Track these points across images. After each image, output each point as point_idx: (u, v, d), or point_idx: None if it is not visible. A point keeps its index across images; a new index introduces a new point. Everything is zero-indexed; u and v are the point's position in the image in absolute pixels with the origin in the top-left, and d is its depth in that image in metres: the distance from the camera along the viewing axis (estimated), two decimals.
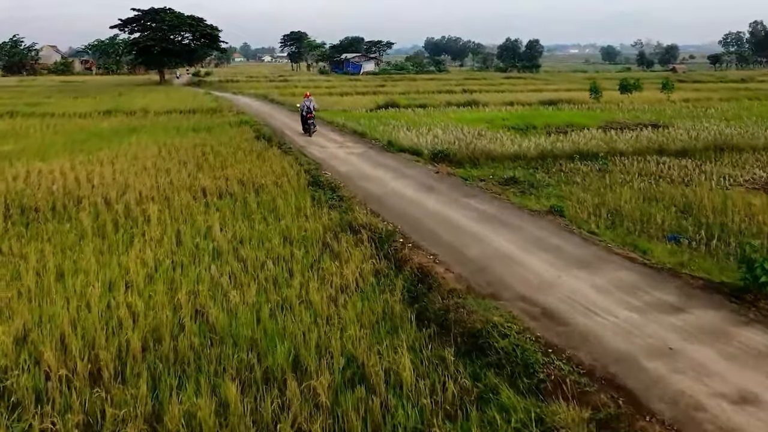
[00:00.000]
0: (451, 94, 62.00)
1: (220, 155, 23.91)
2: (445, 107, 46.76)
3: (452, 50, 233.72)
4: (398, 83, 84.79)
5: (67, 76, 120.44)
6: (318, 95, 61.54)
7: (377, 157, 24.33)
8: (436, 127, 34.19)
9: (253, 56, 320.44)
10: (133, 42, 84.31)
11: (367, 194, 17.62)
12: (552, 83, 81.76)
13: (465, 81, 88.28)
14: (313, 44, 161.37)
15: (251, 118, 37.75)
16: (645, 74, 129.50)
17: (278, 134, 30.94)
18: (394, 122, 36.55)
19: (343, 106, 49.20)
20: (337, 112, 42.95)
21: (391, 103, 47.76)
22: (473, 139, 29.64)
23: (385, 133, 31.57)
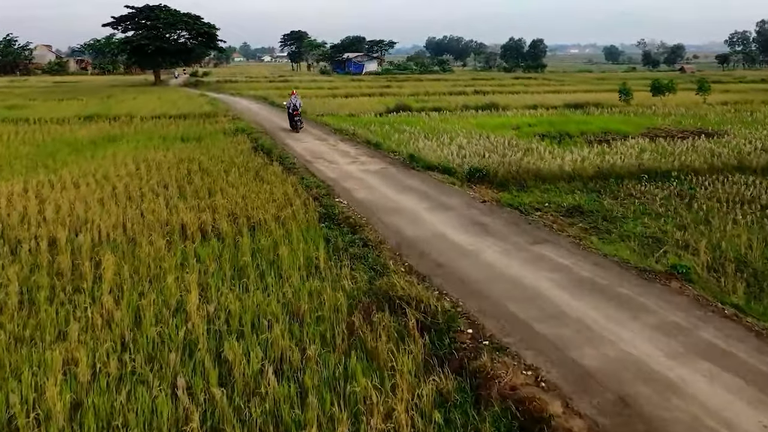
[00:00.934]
0: (464, 96, 57.61)
1: (209, 174, 19.48)
2: (461, 111, 42.37)
3: (454, 50, 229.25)
4: (404, 84, 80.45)
5: (61, 77, 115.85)
6: (321, 97, 57.36)
7: (400, 176, 19.86)
8: (459, 135, 29.94)
9: (252, 56, 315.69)
10: (126, 41, 79.68)
11: (400, 237, 13.18)
12: (566, 84, 77.33)
13: (474, 81, 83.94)
14: (314, 44, 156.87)
15: (248, 125, 33.33)
16: (652, 74, 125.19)
17: (279, 145, 26.55)
18: (409, 129, 32.23)
19: (350, 109, 44.80)
20: (344, 118, 38.54)
21: (403, 107, 43.36)
22: (506, 150, 25.38)
23: (402, 142, 27.27)
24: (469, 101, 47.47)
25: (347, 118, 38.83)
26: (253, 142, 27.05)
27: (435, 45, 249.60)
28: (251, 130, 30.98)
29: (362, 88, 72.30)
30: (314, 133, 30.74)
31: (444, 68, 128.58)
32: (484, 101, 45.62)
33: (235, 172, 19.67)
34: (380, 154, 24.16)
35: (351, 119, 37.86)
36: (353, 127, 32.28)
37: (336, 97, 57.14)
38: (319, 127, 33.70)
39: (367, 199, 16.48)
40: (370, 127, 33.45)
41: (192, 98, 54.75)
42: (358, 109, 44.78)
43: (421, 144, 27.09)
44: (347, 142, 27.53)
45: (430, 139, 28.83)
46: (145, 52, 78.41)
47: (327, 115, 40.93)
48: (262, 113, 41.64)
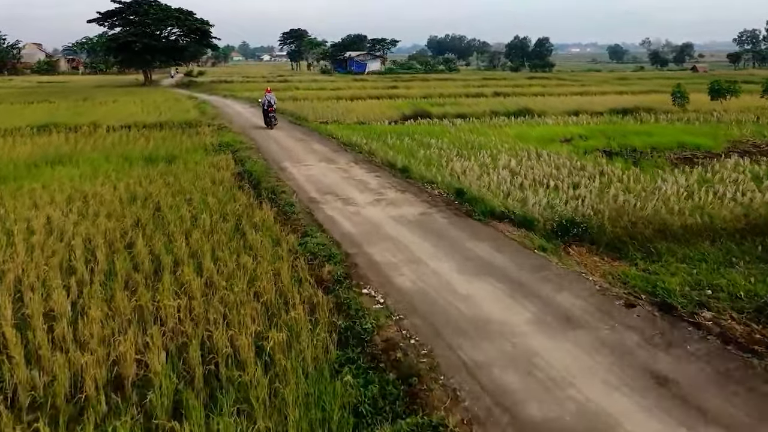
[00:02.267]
0: (484, 98, 50.84)
1: (164, 229, 12.64)
2: (491, 118, 35.60)
3: (457, 49, 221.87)
4: (410, 84, 73.65)
5: (50, 76, 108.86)
6: (324, 100, 50.55)
7: (455, 232, 12.81)
8: (502, 152, 23.31)
9: (252, 55, 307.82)
10: (111, 38, 72.57)
11: (514, 415, 6.35)
12: (587, 84, 70.37)
13: (486, 82, 77.12)
14: (314, 42, 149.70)
15: (236, 137, 26.47)
16: (663, 74, 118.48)
17: (273, 168, 19.77)
18: (435, 143, 25.62)
19: (358, 115, 38.05)
20: (353, 127, 31.77)
21: (421, 112, 36.58)
22: (576, 177, 18.81)
23: (432, 162, 20.75)
24: (495, 105, 40.71)
25: (357, 127, 32.10)
26: (239, 165, 20.24)
27: (437, 44, 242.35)
28: (239, 146, 24.20)
29: (367, 89, 65.51)
30: (319, 151, 23.90)
31: (450, 67, 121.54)
32: (515, 106, 38.82)
33: (205, 222, 12.87)
34: (412, 186, 17.27)
35: (361, 129, 31.13)
36: (366, 141, 25.56)
37: (340, 100, 50.35)
38: (325, 141, 26.87)
39: (419, 294, 9.46)
40: (386, 139, 26.75)
41: (179, 101, 47.90)
42: (367, 114, 38.05)
43: (459, 166, 20.41)
44: (363, 165, 20.65)
45: (467, 158, 22.19)
46: (132, 49, 71.44)
47: (332, 122, 34.17)
48: (255, 119, 34.79)
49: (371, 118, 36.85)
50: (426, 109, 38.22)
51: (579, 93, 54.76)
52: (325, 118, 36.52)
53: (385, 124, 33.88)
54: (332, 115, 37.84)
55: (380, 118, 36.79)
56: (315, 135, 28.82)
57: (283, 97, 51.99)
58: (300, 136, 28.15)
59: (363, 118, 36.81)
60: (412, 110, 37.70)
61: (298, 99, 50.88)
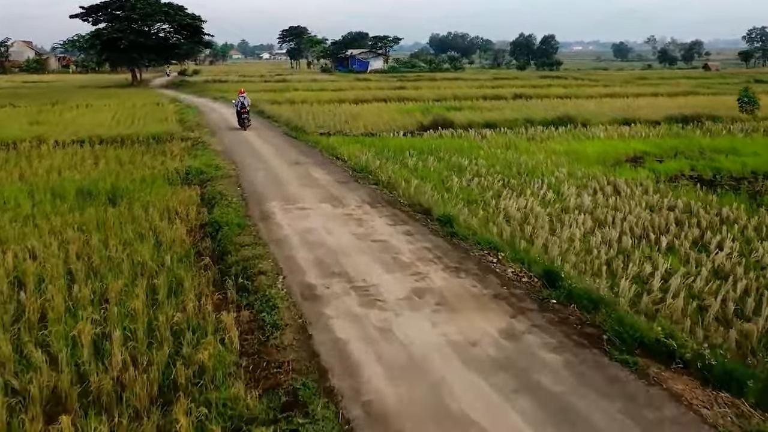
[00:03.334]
0: (504, 101, 44.63)
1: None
2: (524, 128, 29.33)
3: (459, 47, 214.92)
4: (418, 84, 67.37)
5: (39, 75, 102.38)
6: (324, 103, 44.19)
7: (597, 410, 6.33)
8: (563, 182, 17.22)
9: (251, 53, 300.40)
10: (95, 34, 66.03)
11: None
12: (610, 85, 63.98)
13: (500, 82, 70.78)
14: (314, 40, 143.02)
15: (212, 161, 20.00)
16: (674, 72, 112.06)
17: (254, 216, 13.50)
18: (469, 165, 19.81)
19: (366, 123, 31.83)
20: (361, 140, 25.56)
21: (441, 121, 30.27)
22: (693, 228, 12.80)
23: (475, 200, 14.95)
24: (523, 111, 34.47)
25: (365, 140, 25.89)
26: (205, 207, 14.05)
27: (439, 42, 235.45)
28: (213, 173, 17.94)
29: (372, 89, 59.21)
30: (320, 182, 17.51)
31: (455, 66, 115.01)
32: (553, 112, 32.54)
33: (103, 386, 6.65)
34: (465, 256, 10.89)
35: (372, 143, 24.95)
36: (381, 163, 19.34)
37: (343, 103, 44.08)
38: (327, 163, 20.58)
39: None
40: (405, 159, 20.60)
41: (160, 106, 41.59)
42: (376, 122, 31.85)
43: (513, 206, 14.43)
44: (383, 209, 14.26)
45: (518, 191, 16.10)
46: (118, 47, 64.99)
47: (335, 133, 27.92)
48: (245, 133, 28.60)
49: (381, 127, 30.60)
50: (445, 116, 31.88)
51: (608, 95, 48.46)
52: (326, 127, 30.31)
53: (399, 136, 27.63)
54: (335, 124, 31.62)
55: (392, 127, 30.54)
56: (315, 154, 22.60)
57: (279, 100, 45.83)
58: (295, 157, 21.88)
59: (372, 127, 30.56)
60: (429, 118, 31.38)
61: (295, 102, 44.58)
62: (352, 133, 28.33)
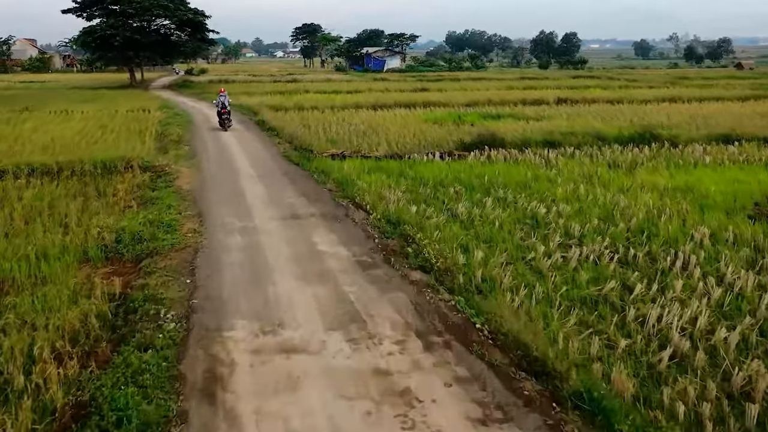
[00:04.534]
0: (545, 106, 37.75)
1: None
2: (595, 147, 22.35)
3: (476, 45, 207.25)
4: (441, 85, 60.43)
5: (41, 75, 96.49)
6: (338, 109, 37.40)
7: None
8: (724, 258, 10.21)
9: (265, 52, 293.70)
10: (87, 31, 59.55)
11: None
12: (656, 86, 56.75)
13: (529, 82, 63.77)
14: (328, 38, 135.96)
15: (167, 213, 13.26)
16: (716, 71, 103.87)
17: (195, 381, 6.77)
18: (554, 218, 12.86)
19: (389, 136, 25.35)
20: (386, 168, 18.90)
21: (488, 138, 23.25)
22: None
23: (601, 315, 7.73)
24: (580, 121, 27.56)
25: (392, 167, 19.20)
26: (114, 329, 7.38)
27: (455, 40, 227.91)
28: (158, 242, 11.22)
29: (392, 91, 52.39)
30: (330, 264, 10.54)
31: (477, 65, 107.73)
32: (621, 123, 25.54)
33: None
34: None
35: (400, 171, 18.30)
36: (421, 216, 12.58)
37: (360, 110, 37.42)
38: (343, 216, 13.73)
39: None
40: (451, 203, 13.86)
41: (147, 113, 34.95)
42: (401, 136, 25.29)
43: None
44: (444, 355, 7.19)
45: (664, 289, 9.29)
46: (112, 45, 58.51)
47: (351, 155, 21.22)
48: (234, 149, 21.98)
49: (409, 143, 23.88)
50: (491, 130, 24.92)
51: (668, 99, 41.39)
52: (339, 143, 23.73)
53: (434, 159, 20.82)
54: (350, 138, 24.98)
55: (423, 143, 23.80)
56: (323, 195, 15.83)
57: (286, 105, 39.17)
58: (294, 201, 15.10)
59: (397, 143, 23.84)
60: (468, 131, 24.55)
61: (304, 108, 37.93)
62: (373, 155, 21.58)
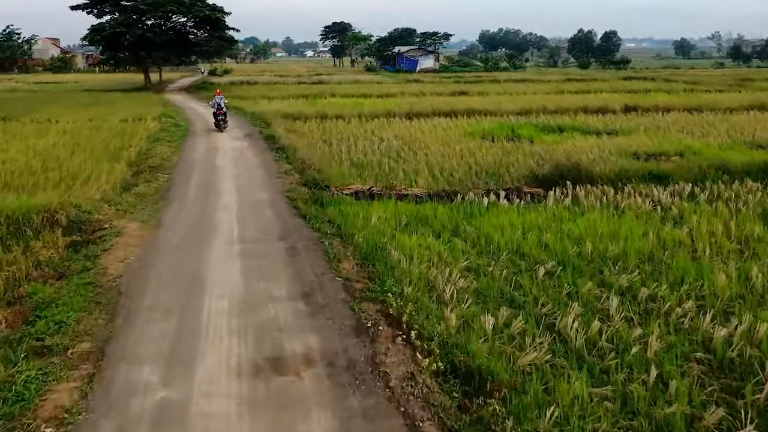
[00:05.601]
0: (612, 115, 31.35)
1: None
2: (727, 187, 15.93)
3: (511, 44, 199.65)
4: (481, 88, 53.94)
5: (62, 75, 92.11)
6: (367, 119, 31.50)
7: None
8: None
9: (295, 51, 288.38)
10: (94, 29, 54.27)
11: None
12: (727, 90, 49.59)
13: (577, 85, 57.03)
14: (358, 37, 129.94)
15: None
16: (764, 72, 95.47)
17: None
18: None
19: (430, 161, 19.82)
20: (434, 221, 12.66)
21: (567, 170, 16.73)
22: None
23: None
24: (714, 152, 21.07)
25: (441, 217, 13.12)
26: None
27: (489, 39, 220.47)
28: None
29: (427, 95, 46.34)
30: None
31: (515, 64, 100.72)
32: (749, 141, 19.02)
33: None
34: None
35: (454, 225, 12.28)
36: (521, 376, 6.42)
37: (393, 119, 31.55)
38: (386, 402, 7.36)
39: None
40: (559, 319, 7.65)
41: (142, 122, 29.24)
42: (446, 159, 19.91)
43: None
44: None
45: None
46: (122, 43, 53.21)
47: (381, 193, 15.33)
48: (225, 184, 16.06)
49: (459, 173, 18.00)
50: (569, 154, 18.59)
51: (756, 106, 34.54)
52: (366, 170, 18.12)
53: (500, 202, 14.64)
54: (380, 162, 19.31)
55: (476, 172, 17.98)
56: (333, 302, 9.32)
57: (306, 113, 33.23)
58: (278, 338, 8.36)
59: (444, 173, 18.09)
60: (555, 167, 18.12)
61: (327, 117, 32.09)
62: (411, 192, 15.56)
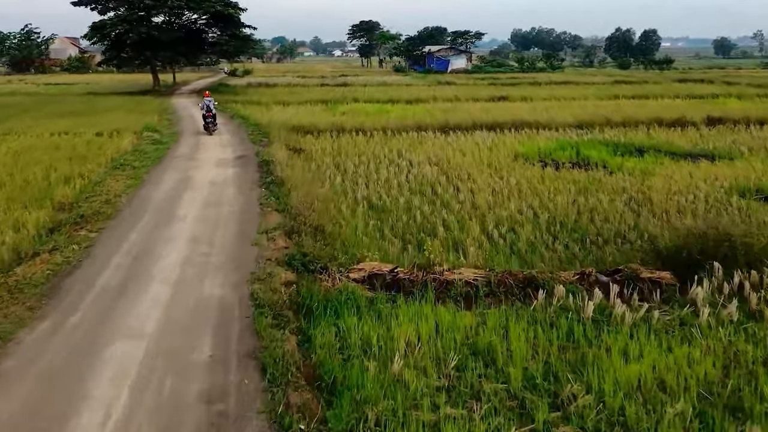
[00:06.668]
0: (692, 132, 25.10)
1: None
2: None
3: (544, 43, 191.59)
4: (521, 91, 47.59)
5: (78, 75, 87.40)
6: (393, 132, 25.30)
7: None
8: None
9: (323, 50, 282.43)
10: (95, 26, 48.75)
11: None
12: None
13: (628, 88, 50.25)
14: (386, 36, 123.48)
15: None
16: None
17: None
18: None
19: (479, 203, 14.39)
20: (541, 415, 6.31)
21: (720, 245, 10.51)
22: None
23: None
24: None
25: (515, 348, 6.81)
26: None
27: (521, 38, 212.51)
28: None
29: (462, 101, 40.26)
30: None
31: (553, 65, 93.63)
32: None
33: None
34: None
35: (589, 397, 5.86)
36: None
37: (425, 134, 25.69)
38: None
39: None
40: None
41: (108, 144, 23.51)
42: (500, 200, 14.23)
43: None
44: None
45: None
46: (125, 42, 47.72)
47: (409, 280, 9.22)
48: (165, 273, 10.11)
49: (525, 232, 11.80)
50: (724, 227, 12.31)
51: None
52: (388, 217, 12.50)
53: (618, 311, 8.47)
54: (410, 204, 13.66)
55: (545, 225, 11.96)
56: None
57: (320, 126, 27.27)
58: None
59: (500, 226, 12.26)
60: (643, 207, 12.04)
61: (345, 130, 26.19)
62: (461, 277, 9.49)
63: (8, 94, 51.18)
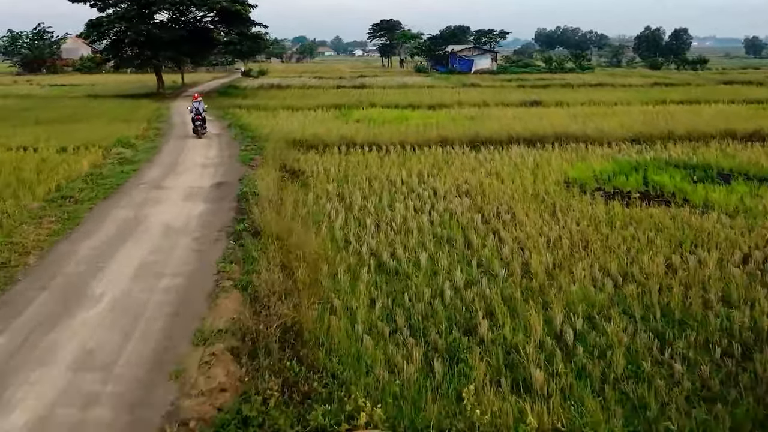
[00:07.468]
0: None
1: None
2: None
3: (569, 43, 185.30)
4: (553, 95, 42.88)
5: (89, 76, 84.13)
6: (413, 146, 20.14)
7: None
8: None
9: (344, 50, 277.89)
10: (92, 24, 44.57)
11: None
12: None
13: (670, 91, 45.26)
14: (408, 35, 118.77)
15: None
16: None
17: None
18: None
19: (533, 263, 10.50)
20: None
21: None
22: None
23: None
24: None
25: None
26: None
27: (545, 37, 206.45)
28: None
29: (491, 106, 35.84)
30: None
31: (582, 65, 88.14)
32: None
33: None
34: None
35: None
36: None
37: (450, 149, 21.17)
38: None
39: None
40: None
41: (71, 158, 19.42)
42: (557, 254, 10.91)
43: None
44: None
45: None
46: (123, 41, 43.65)
47: None
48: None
49: (614, 331, 7.22)
50: None
51: None
52: (405, 284, 7.66)
53: None
54: (439, 264, 9.74)
55: (630, 301, 7.60)
56: None
57: (326, 140, 22.83)
58: None
59: (581, 333, 7.60)
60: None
61: (355, 144, 21.80)
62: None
63: (2, 96, 47.55)
